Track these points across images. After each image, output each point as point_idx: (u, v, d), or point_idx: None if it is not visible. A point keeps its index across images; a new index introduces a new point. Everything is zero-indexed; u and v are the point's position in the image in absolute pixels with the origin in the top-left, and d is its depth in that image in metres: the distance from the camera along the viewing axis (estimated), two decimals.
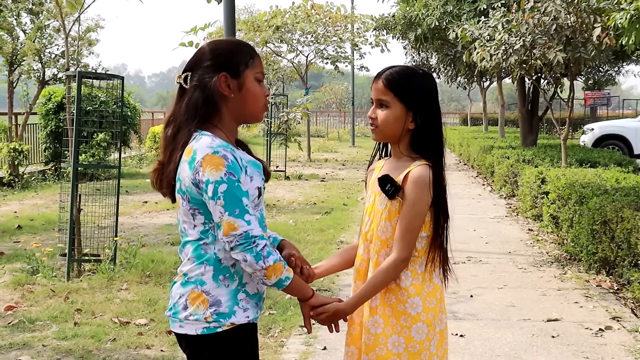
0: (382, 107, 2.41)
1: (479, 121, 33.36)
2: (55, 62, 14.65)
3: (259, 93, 2.25)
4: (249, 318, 2.21)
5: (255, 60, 2.25)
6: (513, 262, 7.11)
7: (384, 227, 2.40)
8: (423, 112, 2.39)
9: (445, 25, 14.51)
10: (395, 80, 2.39)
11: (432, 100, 2.42)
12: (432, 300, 2.39)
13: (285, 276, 2.15)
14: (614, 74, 30.13)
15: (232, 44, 2.29)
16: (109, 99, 8.26)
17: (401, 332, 2.37)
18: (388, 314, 2.39)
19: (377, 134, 2.46)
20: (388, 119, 2.39)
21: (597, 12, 8.92)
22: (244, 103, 2.24)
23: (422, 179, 2.32)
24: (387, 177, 2.37)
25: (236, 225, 2.07)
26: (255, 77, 2.24)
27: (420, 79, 2.43)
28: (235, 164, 2.11)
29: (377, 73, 2.47)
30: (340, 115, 44.21)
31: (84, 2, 6.61)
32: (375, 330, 2.39)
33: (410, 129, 2.40)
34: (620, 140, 18.25)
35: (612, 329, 5.00)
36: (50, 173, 14.91)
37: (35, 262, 6.45)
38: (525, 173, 9.84)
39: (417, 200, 2.32)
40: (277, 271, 2.12)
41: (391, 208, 2.38)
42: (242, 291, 2.20)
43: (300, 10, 19.30)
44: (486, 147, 15.88)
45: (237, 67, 2.22)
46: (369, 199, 2.52)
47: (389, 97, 2.39)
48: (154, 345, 4.63)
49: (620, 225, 5.72)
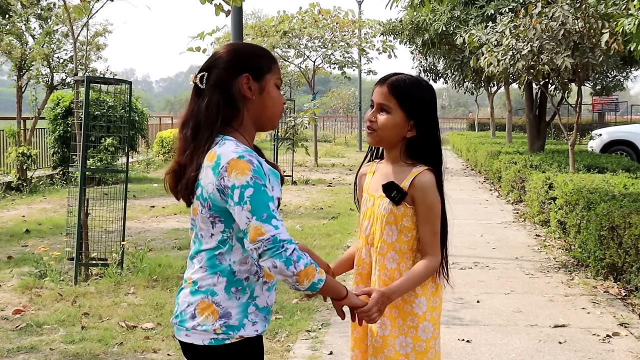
0: (383, 112, 2.43)
1: (487, 126, 33.33)
2: (64, 66, 14.73)
3: (278, 99, 2.22)
4: (258, 331, 2.18)
5: (275, 66, 2.23)
6: (520, 268, 7.09)
7: (389, 231, 2.43)
8: (423, 121, 2.43)
9: (453, 30, 14.52)
10: (401, 88, 2.42)
11: (432, 110, 2.47)
12: (436, 299, 2.45)
13: (318, 279, 2.04)
14: (622, 80, 29.99)
15: (254, 47, 2.27)
16: (116, 103, 8.29)
17: (408, 333, 2.40)
18: (395, 316, 2.42)
19: (373, 138, 2.48)
20: (387, 124, 2.42)
21: (605, 18, 8.90)
22: (263, 107, 2.19)
23: (431, 183, 2.39)
24: (392, 184, 2.40)
25: (263, 230, 1.98)
26: (275, 82, 2.21)
27: (423, 89, 2.47)
28: (260, 169, 2.05)
29: (382, 78, 2.48)
30: (347, 120, 44.27)
31: (92, 7, 6.65)
32: (383, 332, 2.42)
33: (407, 137, 2.44)
34: (629, 146, 18.17)
35: (619, 335, 4.98)
36: (58, 177, 14.96)
37: (43, 266, 6.47)
38: (533, 178, 9.82)
39: (434, 203, 2.40)
40: (310, 275, 2.02)
41: (396, 213, 2.42)
42: (252, 304, 2.16)
43: (308, 15, 19.33)
44: (493, 152, 15.85)
45: (260, 70, 2.18)
46: (365, 202, 2.56)
47: (391, 103, 2.41)
48: (160, 350, 4.63)
49: (628, 231, 5.70)
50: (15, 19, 13.69)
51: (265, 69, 2.18)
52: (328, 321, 5.26)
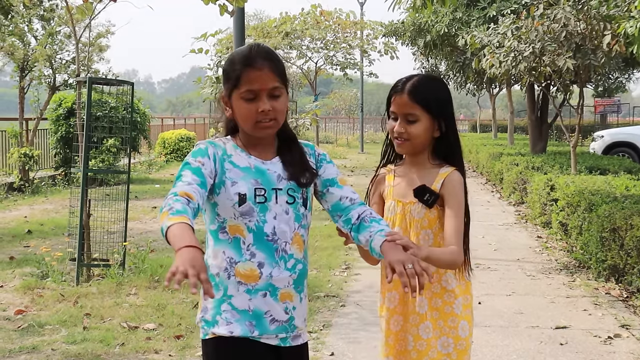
0: (410, 122, 2.42)
1: (488, 128, 33.32)
2: (66, 67, 14.75)
3: (245, 113, 2.17)
4: (233, 333, 2.16)
5: (241, 79, 2.16)
6: (522, 269, 7.09)
7: (425, 235, 2.46)
8: (446, 118, 2.46)
9: (455, 32, 14.53)
10: (420, 93, 2.42)
11: (451, 105, 2.50)
12: (468, 297, 2.55)
13: (163, 225, 1.88)
14: (624, 81, 30.04)
15: (229, 60, 2.25)
16: (119, 104, 8.30)
17: (450, 333, 2.47)
18: (435, 317, 2.47)
19: (406, 147, 2.47)
20: (419, 132, 2.43)
21: (607, 20, 8.90)
22: (238, 120, 2.23)
23: (460, 182, 2.46)
24: (424, 187, 2.43)
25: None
26: (240, 96, 2.17)
27: (440, 87, 2.50)
28: (200, 151, 2.16)
29: (397, 86, 2.46)
30: (349, 122, 44.25)
31: (95, 8, 6.66)
32: (427, 336, 2.46)
33: (435, 137, 2.46)
34: (630, 148, 18.15)
35: (621, 336, 4.98)
36: (60, 178, 14.98)
37: (45, 267, 6.48)
38: (535, 180, 9.82)
39: (461, 201, 2.45)
40: (161, 219, 1.91)
41: (430, 216, 2.45)
42: (227, 302, 2.17)
43: (310, 16, 19.33)
44: (495, 153, 15.84)
45: (228, 87, 2.22)
46: (391, 209, 2.53)
47: (416, 110, 2.41)
48: (162, 350, 4.64)
49: (629, 232, 5.70)
50: (17, 19, 13.72)
51: (231, 86, 2.19)
52: (329, 322, 5.26)
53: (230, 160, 2.19)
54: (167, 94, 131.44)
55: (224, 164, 2.17)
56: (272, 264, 2.18)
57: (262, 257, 2.17)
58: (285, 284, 2.20)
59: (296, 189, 2.24)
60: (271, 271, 2.17)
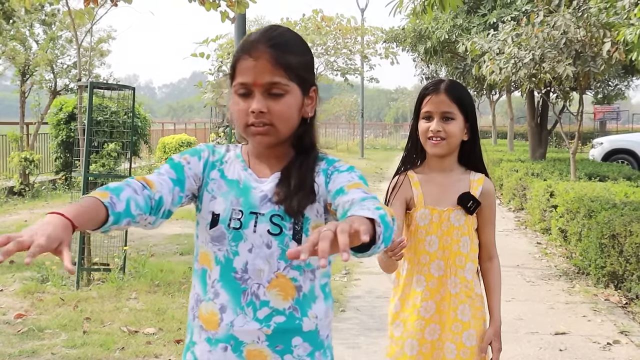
0: (447, 120, 2.43)
1: (488, 134, 33.32)
2: (67, 72, 14.79)
3: (235, 112, 1.75)
4: None
5: (236, 69, 1.73)
6: (521, 275, 7.10)
7: (464, 242, 2.50)
8: (473, 122, 2.50)
9: (455, 38, 14.57)
10: (458, 92, 2.45)
11: (475, 111, 2.55)
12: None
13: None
14: (624, 88, 30.04)
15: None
16: (119, 109, 8.30)
17: (484, 337, 2.61)
18: (475, 324, 2.58)
19: (442, 148, 2.44)
20: (456, 131, 2.44)
21: (607, 27, 8.93)
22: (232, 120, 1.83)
23: (494, 191, 2.55)
24: (468, 194, 2.46)
25: None
26: (234, 90, 1.74)
27: (467, 90, 2.55)
28: (193, 151, 1.80)
29: (432, 85, 2.47)
30: (349, 127, 44.31)
31: (96, 14, 6.69)
32: (471, 343, 2.54)
33: (463, 140, 2.49)
34: (630, 155, 18.18)
35: (620, 343, 4.98)
36: (61, 182, 14.99)
37: (45, 271, 6.49)
38: (534, 186, 9.84)
39: (495, 208, 2.57)
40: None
41: (468, 222, 2.50)
42: (190, 351, 1.79)
43: (311, 22, 19.37)
44: (495, 160, 15.87)
45: (231, 78, 1.78)
46: (424, 217, 2.46)
47: (453, 109, 2.43)
48: (162, 355, 4.65)
49: (628, 239, 5.71)
50: (19, 24, 13.75)
51: (230, 77, 1.78)
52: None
53: (220, 169, 1.79)
54: (168, 98, 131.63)
55: (211, 172, 1.78)
56: (235, 310, 1.71)
57: (226, 298, 1.72)
58: (253, 338, 1.70)
59: (284, 217, 1.70)
60: (233, 319, 1.70)
